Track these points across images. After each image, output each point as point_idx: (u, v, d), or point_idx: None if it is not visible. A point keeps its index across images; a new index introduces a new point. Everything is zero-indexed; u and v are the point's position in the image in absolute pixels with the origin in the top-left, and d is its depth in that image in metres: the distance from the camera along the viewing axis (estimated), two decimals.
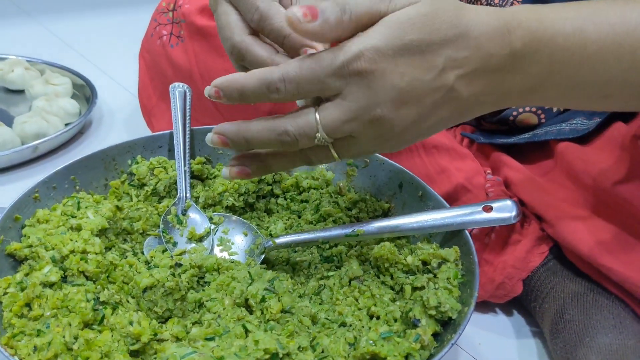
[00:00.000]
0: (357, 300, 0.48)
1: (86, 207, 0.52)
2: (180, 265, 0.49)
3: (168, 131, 0.61)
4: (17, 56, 1.01)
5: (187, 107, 0.61)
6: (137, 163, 0.58)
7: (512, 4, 0.64)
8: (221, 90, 0.40)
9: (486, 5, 0.64)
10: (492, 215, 0.49)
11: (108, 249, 0.51)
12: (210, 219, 0.55)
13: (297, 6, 0.37)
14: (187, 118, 0.60)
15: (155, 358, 0.42)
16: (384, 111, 0.39)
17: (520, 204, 0.59)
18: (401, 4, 0.38)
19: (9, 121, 0.84)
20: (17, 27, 1.29)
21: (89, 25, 1.32)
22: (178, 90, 0.62)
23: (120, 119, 0.95)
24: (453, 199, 0.61)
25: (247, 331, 0.43)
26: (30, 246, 0.47)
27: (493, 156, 0.64)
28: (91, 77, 0.97)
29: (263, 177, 0.59)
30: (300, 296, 0.48)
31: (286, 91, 0.39)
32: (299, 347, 0.42)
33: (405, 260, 0.49)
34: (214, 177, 0.60)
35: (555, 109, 0.65)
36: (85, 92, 0.95)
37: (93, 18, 1.36)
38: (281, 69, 0.39)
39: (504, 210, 0.49)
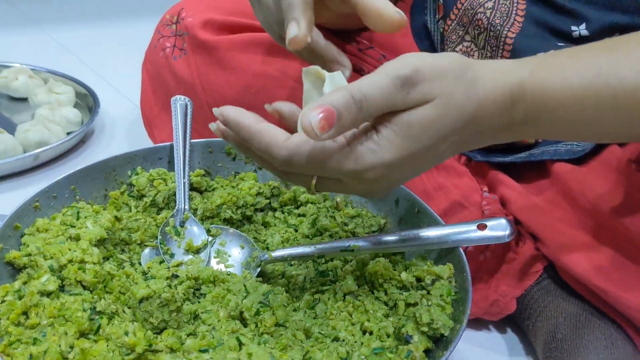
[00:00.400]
0: (350, 315, 0.48)
1: (85, 217, 0.52)
2: (176, 276, 0.50)
3: (168, 143, 0.61)
4: (22, 64, 1.02)
5: (188, 120, 0.62)
6: (137, 174, 0.59)
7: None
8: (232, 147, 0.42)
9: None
10: (486, 233, 0.49)
11: (106, 259, 0.51)
12: (208, 231, 0.56)
13: (313, 109, 0.36)
14: (188, 131, 0.61)
15: None
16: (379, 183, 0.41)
17: (516, 222, 0.59)
18: (415, 100, 0.39)
19: (11, 129, 0.85)
20: (21, 34, 1.30)
21: (94, 34, 1.34)
22: (179, 103, 0.63)
23: (121, 129, 0.95)
24: (449, 215, 0.61)
25: (240, 344, 0.44)
26: (29, 255, 0.47)
27: (490, 174, 0.65)
28: (94, 86, 0.99)
29: (261, 190, 0.60)
30: (294, 310, 0.49)
31: (285, 171, 0.41)
32: None
33: (400, 276, 0.50)
34: (213, 190, 0.61)
35: None
36: (87, 102, 0.96)
37: (98, 27, 1.38)
38: (288, 152, 0.39)
39: (498, 229, 0.49)
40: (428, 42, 0.74)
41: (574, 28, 0.61)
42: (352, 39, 0.73)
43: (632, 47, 0.44)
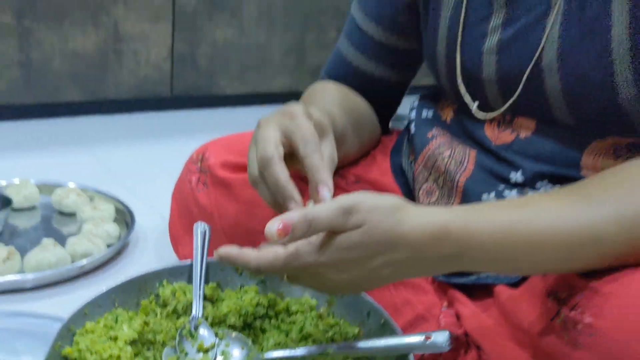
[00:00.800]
0: None
1: (122, 321, 0.68)
2: None
3: (189, 261, 0.77)
4: (72, 184, 1.22)
5: (206, 243, 0.78)
6: (163, 287, 0.74)
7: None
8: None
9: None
10: (430, 342, 0.63)
11: (136, 355, 0.66)
12: (216, 334, 0.71)
13: (275, 221, 0.53)
14: (205, 251, 0.77)
15: None
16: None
17: (466, 334, 0.73)
18: (351, 225, 0.54)
19: (61, 240, 1.03)
20: (72, 154, 1.53)
21: (133, 154, 1.56)
22: (200, 229, 0.79)
23: (152, 241, 1.13)
24: (415, 326, 0.75)
25: None
26: (80, 351, 0.62)
27: (449, 292, 0.79)
28: (130, 201, 1.17)
29: (260, 301, 0.75)
30: None
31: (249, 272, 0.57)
32: None
33: None
34: (222, 300, 0.76)
35: None
36: (125, 217, 1.14)
37: (136, 148, 1.60)
38: (256, 264, 0.55)
39: (440, 339, 0.63)
40: (404, 179, 0.91)
41: (512, 175, 0.77)
42: (341, 175, 0.90)
43: (544, 204, 0.58)
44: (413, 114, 0.91)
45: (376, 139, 0.95)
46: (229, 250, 0.58)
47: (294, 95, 1.98)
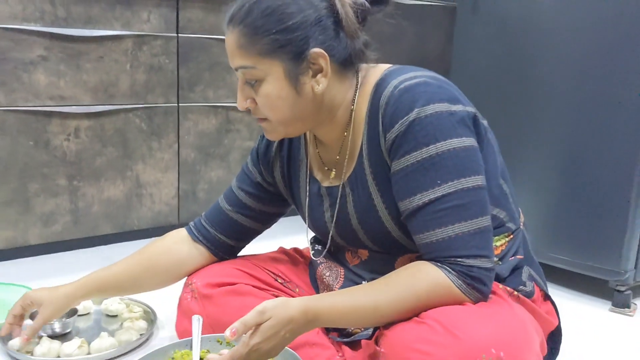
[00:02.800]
0: None
1: None
2: None
3: (189, 338, 1.34)
4: (115, 296, 1.80)
5: (200, 327, 1.35)
6: (175, 353, 1.31)
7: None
8: None
9: None
10: None
11: None
12: None
13: (230, 328, 0.99)
14: (199, 331, 1.34)
15: None
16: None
17: None
18: (264, 319, 0.97)
19: (111, 333, 1.59)
20: None
21: None
22: (196, 317, 1.37)
23: (167, 329, 1.69)
24: None
25: None
26: None
27: (342, 347, 1.35)
28: (153, 304, 1.75)
29: None
30: None
31: None
32: None
33: None
34: None
35: None
36: (150, 316, 1.72)
37: None
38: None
39: None
40: (315, 283, 1.49)
41: (360, 280, 1.31)
42: (276, 276, 1.47)
43: (390, 282, 1.10)
44: (310, 247, 1.47)
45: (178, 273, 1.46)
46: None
47: None
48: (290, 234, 2.03)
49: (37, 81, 2.07)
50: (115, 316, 1.73)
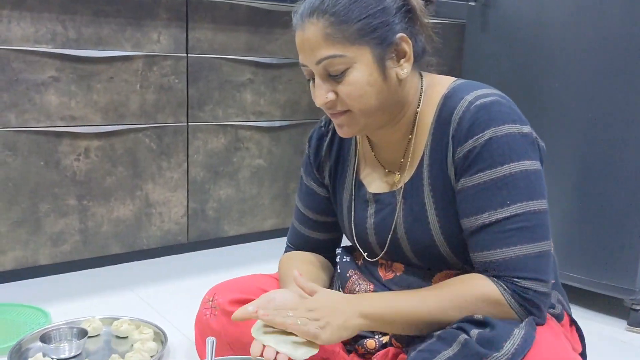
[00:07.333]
0: None
1: None
2: None
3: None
4: (125, 317, 1.79)
5: (213, 349, 1.34)
6: None
7: None
8: None
9: None
10: None
11: None
12: None
13: (254, 347, 1.06)
14: (213, 353, 1.33)
15: None
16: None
17: None
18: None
19: (121, 355, 1.58)
20: (120, 295, 2.11)
21: (163, 289, 2.13)
22: (210, 340, 1.35)
23: (180, 352, 1.68)
24: None
25: None
26: None
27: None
28: (163, 326, 1.73)
29: None
30: None
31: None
32: None
33: None
34: None
35: None
36: (160, 337, 1.70)
37: (165, 285, 2.19)
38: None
39: None
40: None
41: None
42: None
43: (426, 294, 1.08)
44: (337, 259, 1.48)
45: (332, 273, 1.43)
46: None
47: (281, 232, 2.58)
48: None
49: (48, 102, 2.07)
50: (126, 337, 1.72)
